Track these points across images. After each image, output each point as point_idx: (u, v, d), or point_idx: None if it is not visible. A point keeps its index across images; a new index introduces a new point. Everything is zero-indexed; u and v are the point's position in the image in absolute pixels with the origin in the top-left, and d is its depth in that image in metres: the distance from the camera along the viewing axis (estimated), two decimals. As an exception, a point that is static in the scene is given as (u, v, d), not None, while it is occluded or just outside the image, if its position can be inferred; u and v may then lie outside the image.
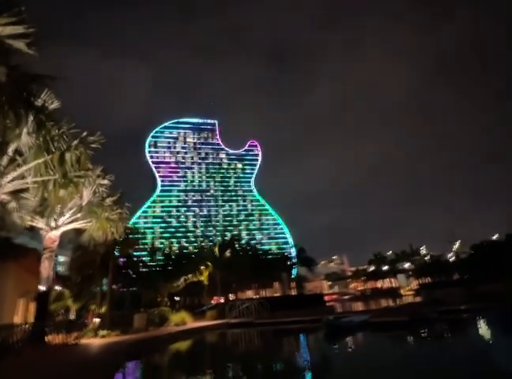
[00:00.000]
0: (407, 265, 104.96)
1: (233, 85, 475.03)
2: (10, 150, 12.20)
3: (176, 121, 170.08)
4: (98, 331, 20.95)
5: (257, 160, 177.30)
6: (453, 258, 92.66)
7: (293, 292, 79.44)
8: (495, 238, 73.93)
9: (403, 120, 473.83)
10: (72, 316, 36.40)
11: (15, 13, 9.61)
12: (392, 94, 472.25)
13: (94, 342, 17.94)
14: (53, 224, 16.57)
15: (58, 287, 31.62)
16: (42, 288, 15.85)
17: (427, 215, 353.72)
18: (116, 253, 26.80)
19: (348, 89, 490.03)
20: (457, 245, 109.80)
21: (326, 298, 63.98)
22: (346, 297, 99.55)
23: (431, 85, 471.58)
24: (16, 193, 14.36)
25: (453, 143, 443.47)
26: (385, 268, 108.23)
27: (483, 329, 17.80)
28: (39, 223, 16.40)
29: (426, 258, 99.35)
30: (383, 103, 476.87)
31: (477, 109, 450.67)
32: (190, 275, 38.70)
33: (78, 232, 18.24)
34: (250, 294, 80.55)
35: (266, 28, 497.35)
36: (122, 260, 31.90)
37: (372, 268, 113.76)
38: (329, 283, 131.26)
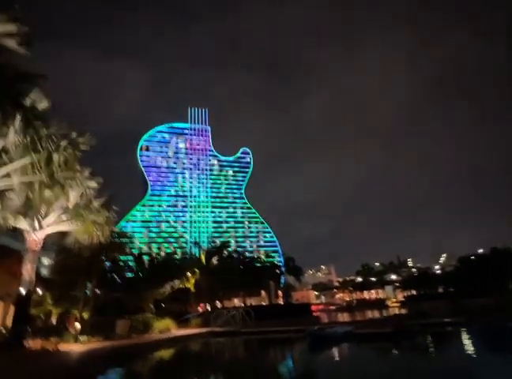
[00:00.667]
0: (394, 277, 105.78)
1: (231, 91, 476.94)
2: (-4, 148, 12.00)
3: (169, 125, 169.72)
4: (79, 336, 20.43)
5: (248, 168, 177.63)
6: (440, 271, 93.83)
7: (280, 301, 79.08)
8: (480, 251, 75.22)
9: (394, 134, 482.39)
10: (53, 321, 35.46)
11: (8, 12, 9.55)
12: (389, 107, 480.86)
13: (74, 348, 17.47)
14: (37, 225, 16.22)
15: (39, 291, 30.82)
16: (23, 291, 15.43)
17: (415, 229, 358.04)
18: (102, 257, 26.33)
19: (347, 101, 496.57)
20: (443, 258, 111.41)
21: (313, 308, 63.82)
22: (332, 307, 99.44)
23: (427, 100, 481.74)
24: (0, 193, 14.09)
25: (443, 157, 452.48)
26: (373, 279, 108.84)
27: (467, 343, 17.98)
28: (23, 224, 16.05)
29: (413, 270, 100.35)
30: (378, 117, 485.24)
31: (471, 124, 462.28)
32: (176, 282, 38.18)
33: (63, 235, 17.91)
34: (236, 302, 79.82)
35: (266, 36, 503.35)
36: (107, 264, 31.34)
37: (359, 279, 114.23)
38: (316, 293, 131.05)
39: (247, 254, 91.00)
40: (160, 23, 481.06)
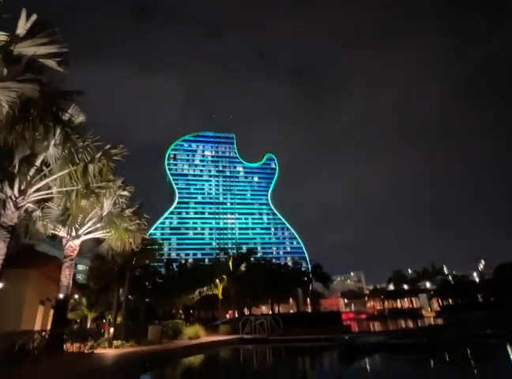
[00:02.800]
0: (428, 285, 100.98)
1: (258, 102, 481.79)
2: (38, 161, 12.78)
3: (195, 134, 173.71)
4: (113, 341, 21.10)
5: (274, 174, 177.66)
6: (478, 279, 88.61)
7: (309, 309, 77.73)
8: (523, 259, 70.39)
9: (428, 141, 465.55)
10: (88, 324, 36.89)
11: (49, 34, 10.26)
12: (416, 117, 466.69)
13: (109, 352, 18.06)
14: (74, 233, 17.05)
15: (76, 296, 32.24)
16: (61, 296, 16.20)
17: (450, 234, 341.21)
18: (133, 264, 27.18)
19: (375, 110, 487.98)
20: (481, 265, 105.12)
21: (343, 316, 62.20)
22: (363, 316, 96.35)
23: (455, 110, 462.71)
24: (40, 202, 14.96)
25: (478, 162, 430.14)
26: (406, 287, 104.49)
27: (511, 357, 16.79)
28: (61, 232, 16.92)
29: (449, 278, 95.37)
30: (408, 124, 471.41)
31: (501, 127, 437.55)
32: (205, 288, 38.58)
33: (97, 242, 18.67)
34: (264, 309, 79.37)
35: (292, 48, 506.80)
36: (138, 270, 32.29)
37: (391, 287, 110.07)
38: (346, 300, 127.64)
39: (274, 261, 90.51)
40: (188, 37, 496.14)
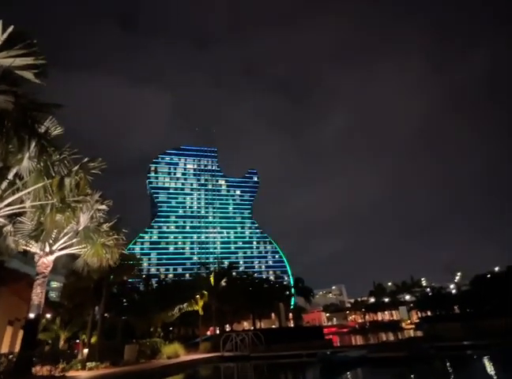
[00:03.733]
0: (408, 297, 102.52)
1: (244, 113, 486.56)
2: (11, 174, 12.36)
3: (177, 147, 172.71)
4: (86, 362, 20.12)
5: (256, 188, 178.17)
6: (455, 291, 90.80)
7: (291, 323, 77.05)
8: (497, 269, 72.80)
9: (407, 153, 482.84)
10: (60, 345, 35.05)
11: (26, 45, 10.13)
12: (397, 129, 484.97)
13: (81, 375, 17.19)
14: (47, 249, 16.39)
15: (48, 315, 30.71)
16: (32, 316, 15.40)
17: (429, 247, 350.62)
18: (110, 280, 26.27)
19: (359, 123, 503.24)
20: (458, 276, 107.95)
21: (325, 330, 61.99)
22: (345, 330, 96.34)
23: (438, 120, 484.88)
24: (12, 217, 14.37)
25: (456, 175, 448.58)
26: (386, 299, 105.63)
27: (487, 367, 17.17)
28: (34, 248, 16.23)
29: (427, 290, 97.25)
30: (391, 136, 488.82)
31: (482, 141, 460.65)
32: (185, 305, 37.62)
33: (73, 257, 18.00)
34: (246, 325, 78.07)
35: (279, 61, 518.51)
36: (115, 287, 31.22)
37: (372, 300, 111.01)
38: (328, 314, 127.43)
39: (256, 275, 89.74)
40: (175, 48, 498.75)
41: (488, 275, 63.33)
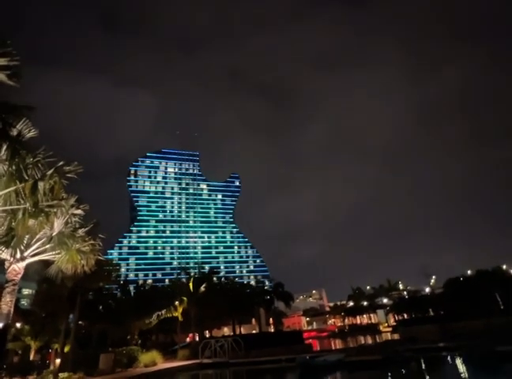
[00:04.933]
0: (385, 300, 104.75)
1: (227, 117, 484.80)
2: (-20, 178, 11.90)
3: (158, 150, 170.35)
4: (58, 373, 19.38)
5: (238, 192, 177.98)
6: (429, 294, 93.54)
7: (271, 328, 76.97)
8: (469, 273, 75.59)
9: (385, 160, 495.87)
10: (31, 356, 33.59)
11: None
12: (377, 137, 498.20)
13: (53, 385, 16.57)
14: (18, 255, 15.77)
15: (18, 324, 29.44)
16: (0, 325, 14.74)
17: (406, 251, 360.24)
18: (86, 287, 25.50)
19: (340, 127, 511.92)
20: (433, 280, 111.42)
21: (305, 335, 62.35)
22: (324, 334, 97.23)
23: (414, 128, 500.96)
24: (-19, 222, 13.78)
25: (430, 181, 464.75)
26: (365, 303, 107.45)
27: (459, 368, 17.80)
28: (4, 254, 15.57)
29: (404, 293, 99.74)
30: (369, 144, 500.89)
31: (456, 151, 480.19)
32: (163, 311, 36.93)
33: (46, 264, 17.38)
34: (226, 330, 77.38)
35: (265, 68, 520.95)
36: (91, 294, 30.32)
37: (351, 304, 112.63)
38: (308, 318, 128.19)
39: (237, 280, 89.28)
40: (160, 51, 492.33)
41: (461, 279, 65.64)
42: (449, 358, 21.23)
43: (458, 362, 19.66)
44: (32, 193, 12.89)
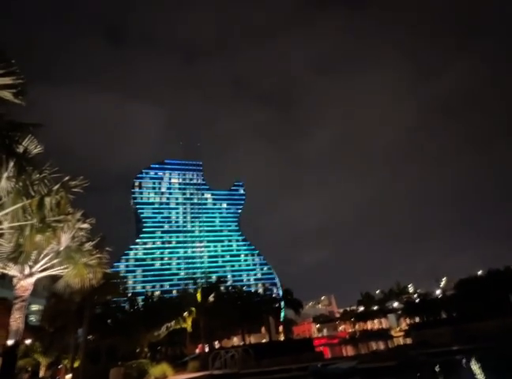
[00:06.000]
0: (396, 304, 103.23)
1: (231, 125, 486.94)
2: (-13, 196, 12.00)
3: (162, 161, 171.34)
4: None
5: (243, 200, 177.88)
6: (441, 296, 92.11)
7: (281, 337, 76.07)
8: (479, 273, 74.45)
9: (393, 161, 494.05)
10: (41, 372, 33.46)
11: (4, 66, 10.03)
12: (382, 139, 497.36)
13: (64, 402, 16.44)
14: (27, 271, 15.82)
15: (28, 340, 29.41)
16: (10, 342, 14.72)
17: (415, 253, 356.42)
18: (94, 301, 25.47)
19: (347, 131, 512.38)
20: (443, 281, 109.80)
21: (315, 342, 61.53)
22: (335, 340, 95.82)
23: (420, 129, 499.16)
24: (-11, 239, 13.87)
25: (438, 182, 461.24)
26: (375, 308, 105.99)
27: (476, 371, 17.41)
28: (12, 271, 15.63)
29: (414, 296, 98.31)
30: (373, 147, 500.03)
31: (467, 149, 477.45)
32: (172, 323, 36.70)
33: (53, 279, 17.41)
34: (236, 340, 76.60)
35: (266, 74, 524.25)
36: (99, 307, 30.26)
37: (361, 309, 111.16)
38: (318, 325, 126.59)
39: (245, 289, 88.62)
40: (163, 62, 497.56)
41: (472, 279, 64.67)
42: (464, 361, 20.79)
43: (474, 365, 19.25)
44: (38, 208, 12.98)
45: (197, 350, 50.86)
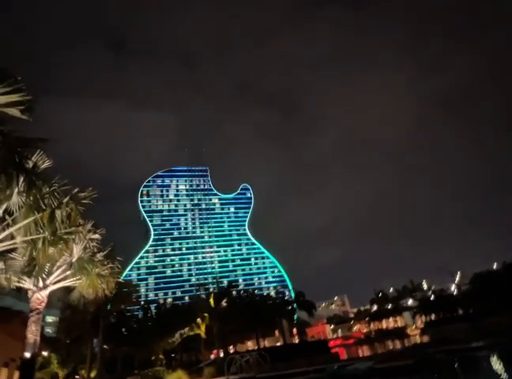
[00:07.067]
0: (410, 302, 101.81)
1: (235, 129, 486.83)
2: (0, 211, 12.22)
3: (168, 169, 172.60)
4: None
5: (250, 203, 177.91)
6: (456, 291, 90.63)
7: (296, 339, 75.60)
8: (495, 267, 73.05)
9: (400, 157, 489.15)
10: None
11: (10, 83, 10.24)
12: (390, 134, 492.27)
13: (82, 412, 16.54)
14: (41, 284, 16.03)
15: (45, 352, 29.74)
16: (27, 355, 14.89)
17: (423, 250, 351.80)
18: (108, 311, 25.68)
19: (349, 132, 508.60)
20: (458, 276, 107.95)
21: (330, 344, 60.94)
22: (350, 341, 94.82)
23: (428, 123, 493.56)
24: (3, 254, 14.09)
25: (450, 176, 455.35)
26: (389, 306, 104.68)
27: (497, 368, 17.05)
28: (27, 284, 15.85)
29: (429, 293, 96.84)
30: (382, 142, 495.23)
31: (476, 141, 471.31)
32: (186, 329, 36.76)
33: (67, 290, 17.61)
34: (250, 344, 76.33)
35: (267, 76, 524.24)
36: (113, 317, 30.49)
37: (375, 308, 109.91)
38: (332, 326, 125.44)
39: (257, 292, 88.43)
40: (163, 68, 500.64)
41: (487, 273, 63.50)
42: (484, 357, 20.38)
43: (494, 360, 18.86)
44: (50, 221, 13.16)
45: (212, 356, 50.80)
